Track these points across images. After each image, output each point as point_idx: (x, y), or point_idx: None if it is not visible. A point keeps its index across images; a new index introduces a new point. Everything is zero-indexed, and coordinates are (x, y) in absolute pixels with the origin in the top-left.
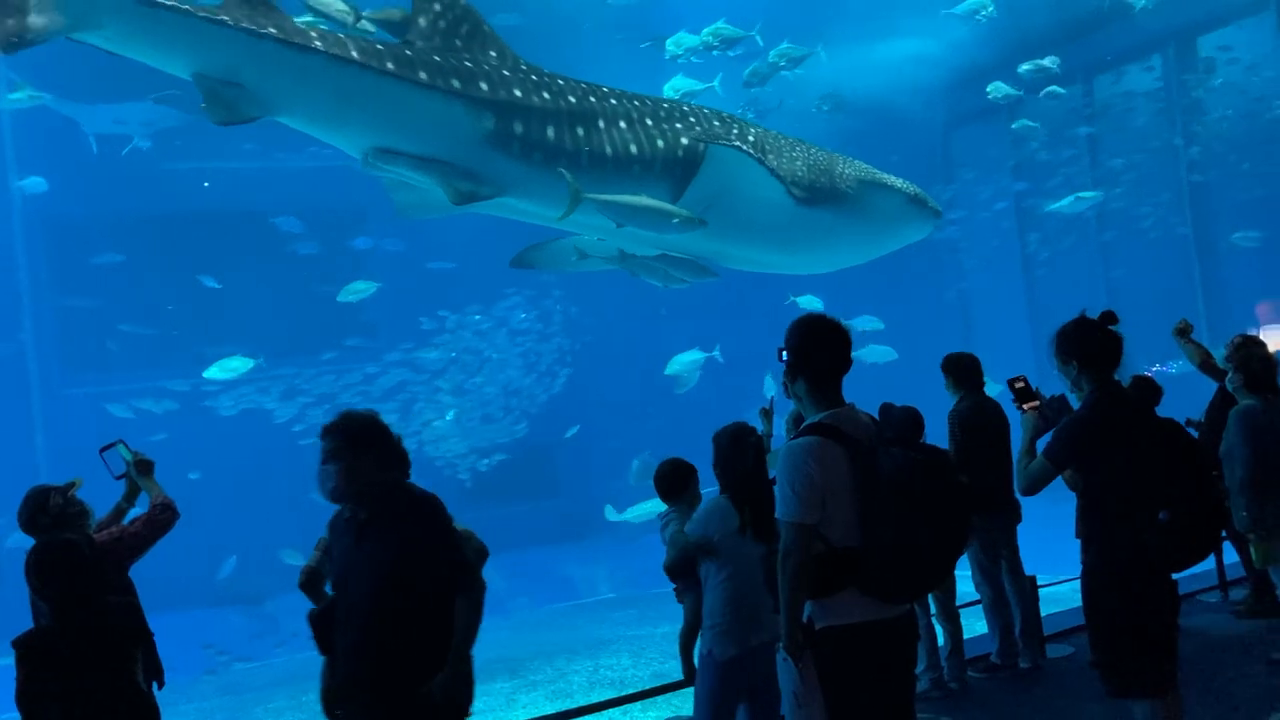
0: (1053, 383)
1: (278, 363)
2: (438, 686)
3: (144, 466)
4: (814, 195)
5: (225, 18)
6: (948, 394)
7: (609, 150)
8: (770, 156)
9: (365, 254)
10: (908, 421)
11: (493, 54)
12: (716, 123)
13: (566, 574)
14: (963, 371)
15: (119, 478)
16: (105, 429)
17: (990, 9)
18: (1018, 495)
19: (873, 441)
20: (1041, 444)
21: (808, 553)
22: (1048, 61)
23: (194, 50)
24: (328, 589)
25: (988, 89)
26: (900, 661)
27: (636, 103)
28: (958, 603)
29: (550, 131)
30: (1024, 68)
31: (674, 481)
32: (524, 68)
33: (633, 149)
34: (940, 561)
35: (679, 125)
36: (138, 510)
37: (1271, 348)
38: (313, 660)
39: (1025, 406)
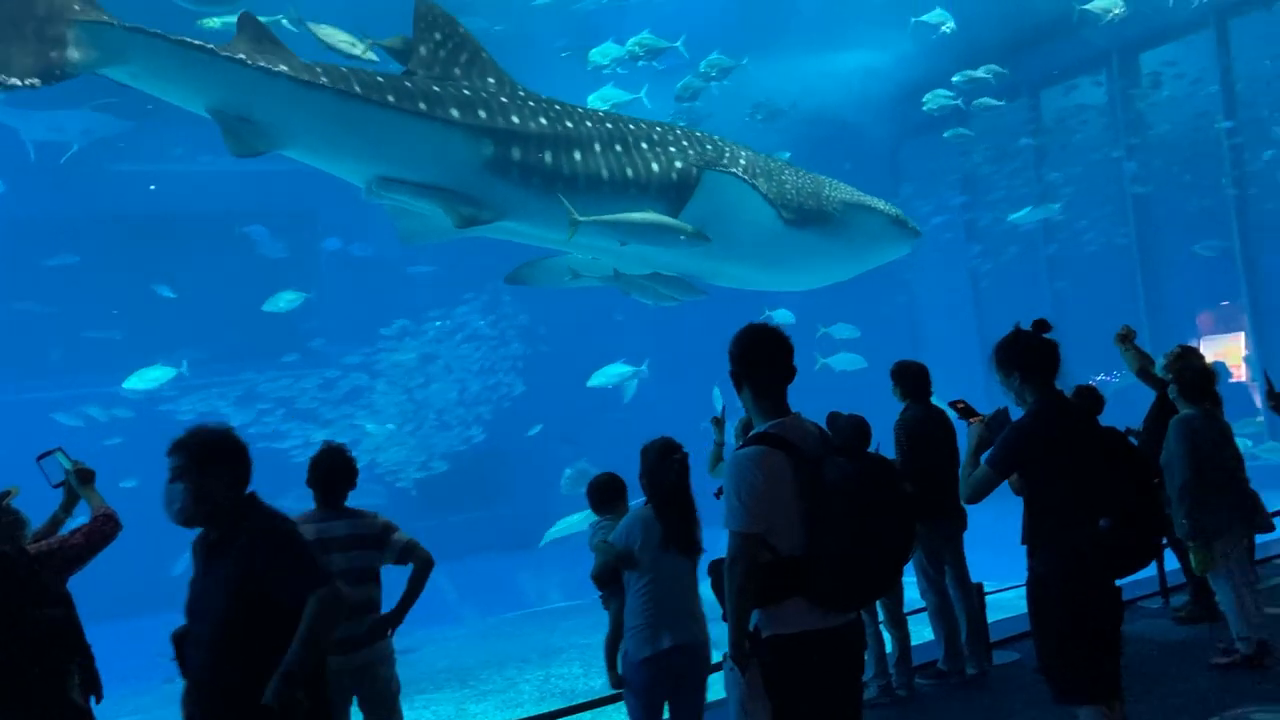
0: (1000, 395)
1: (237, 367)
2: (269, 692)
3: (84, 475)
4: (802, 217)
5: (243, 57)
6: (896, 402)
7: (605, 174)
8: (761, 180)
9: (322, 257)
10: (854, 430)
11: (491, 81)
12: (709, 146)
13: (517, 582)
14: (910, 380)
15: (56, 486)
16: (51, 437)
17: (950, 25)
18: (963, 503)
19: (818, 450)
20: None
21: (754, 562)
22: (982, 72)
23: (212, 87)
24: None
25: (924, 99)
26: (847, 670)
27: (632, 126)
28: (905, 610)
29: (548, 156)
30: (958, 78)
31: (607, 494)
32: (521, 94)
33: (629, 172)
34: (886, 570)
35: (673, 149)
36: (78, 520)
37: (1211, 358)
38: None
39: (970, 418)
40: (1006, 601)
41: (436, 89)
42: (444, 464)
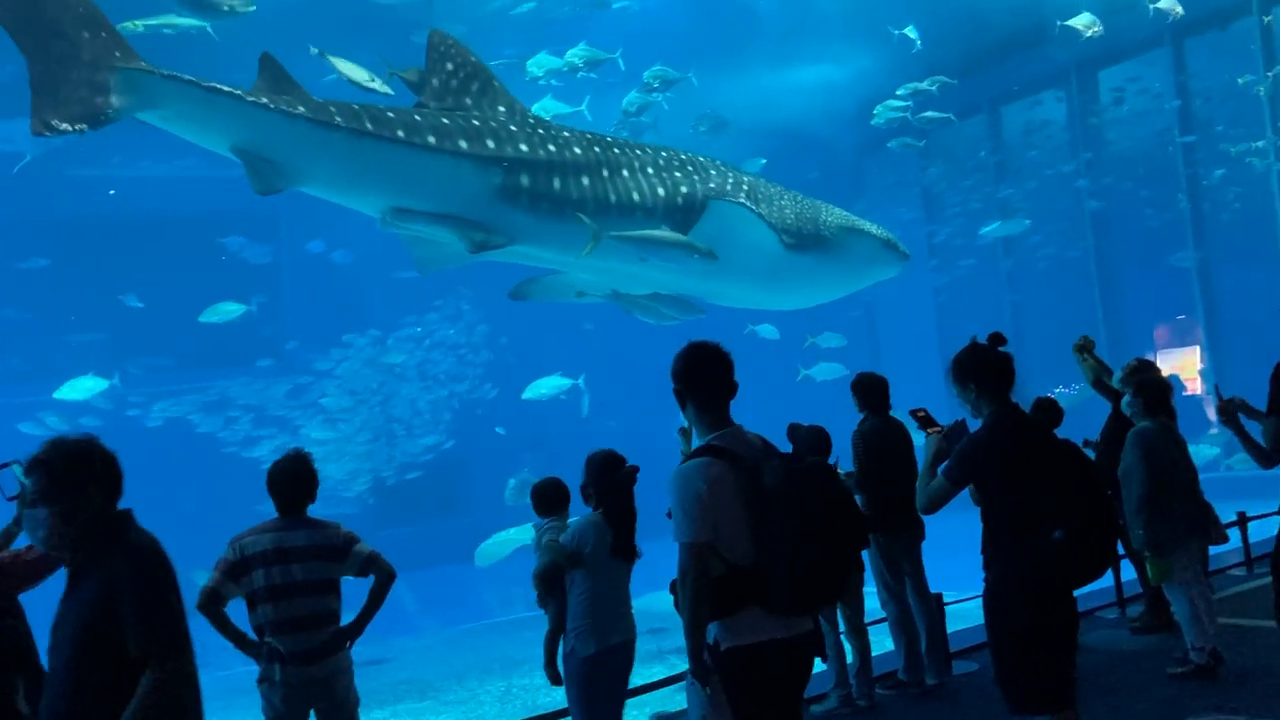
0: (960, 406)
1: (209, 374)
2: None
3: None
4: (801, 241)
5: (266, 100)
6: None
7: (613, 198)
8: (762, 205)
9: (288, 261)
10: (814, 441)
11: (501, 109)
12: (712, 171)
13: (479, 592)
14: (869, 392)
15: (10, 499)
16: (12, 444)
17: (917, 45)
18: (920, 513)
19: (760, 459)
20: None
21: (705, 572)
22: (928, 84)
23: (237, 130)
24: (228, 611)
25: (875, 110)
26: (802, 678)
27: (639, 151)
28: (866, 620)
29: (556, 183)
30: (902, 91)
31: (554, 499)
32: (531, 121)
33: (635, 197)
34: (835, 568)
35: (678, 174)
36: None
37: (1166, 372)
38: (218, 680)
39: (928, 429)
40: (966, 612)
41: (446, 121)
42: (405, 473)
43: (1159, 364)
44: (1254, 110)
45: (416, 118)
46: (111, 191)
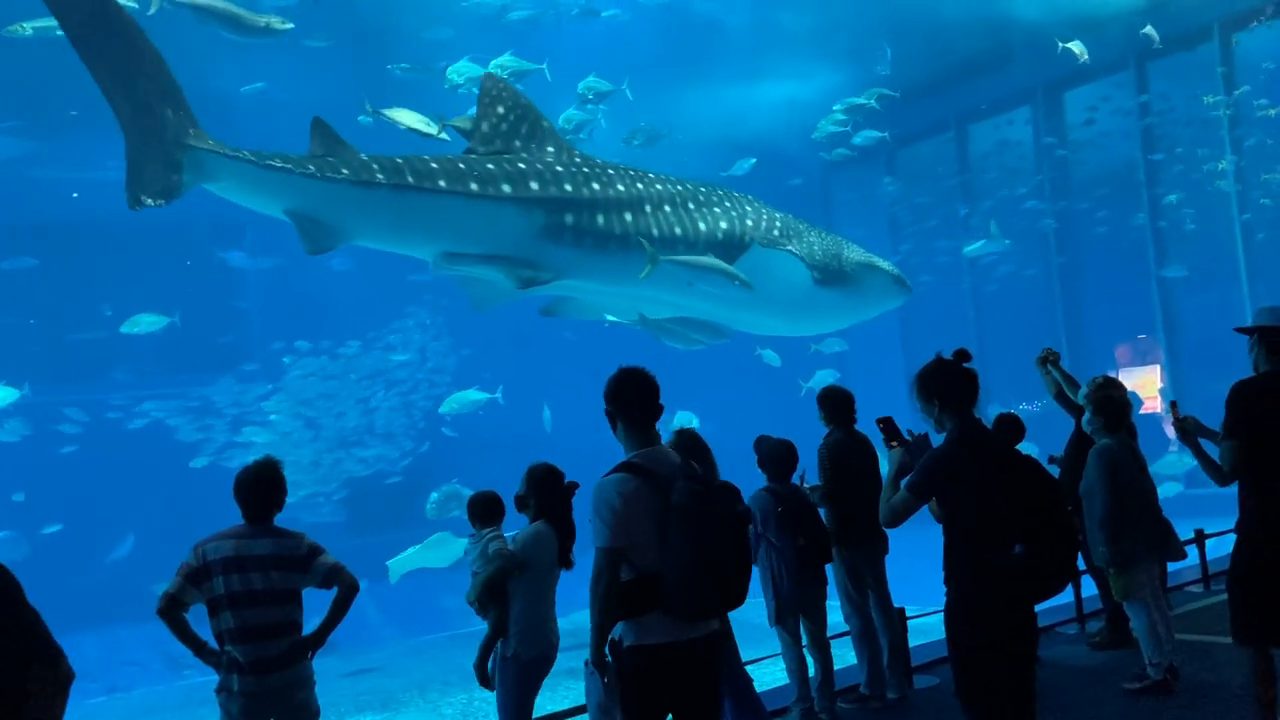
0: (923, 421)
1: (191, 378)
2: None
3: None
4: (826, 276)
5: (312, 169)
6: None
7: (656, 232)
8: (794, 242)
9: (252, 268)
10: (780, 453)
11: (550, 149)
12: (748, 207)
13: (441, 603)
14: (834, 405)
15: None
16: None
17: (887, 66)
18: (882, 526)
19: (674, 475)
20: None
21: (616, 575)
22: (864, 98)
23: (287, 196)
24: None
25: (819, 125)
26: (703, 680)
27: (679, 187)
28: (828, 633)
29: (600, 219)
30: (839, 107)
31: (491, 510)
32: (577, 160)
33: (678, 230)
34: (729, 580)
35: (717, 209)
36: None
37: (1128, 388)
38: (167, 693)
39: (892, 443)
40: (927, 626)
41: (490, 166)
42: (367, 482)
43: (1121, 382)
44: (1216, 132)
45: (461, 165)
46: (75, 195)
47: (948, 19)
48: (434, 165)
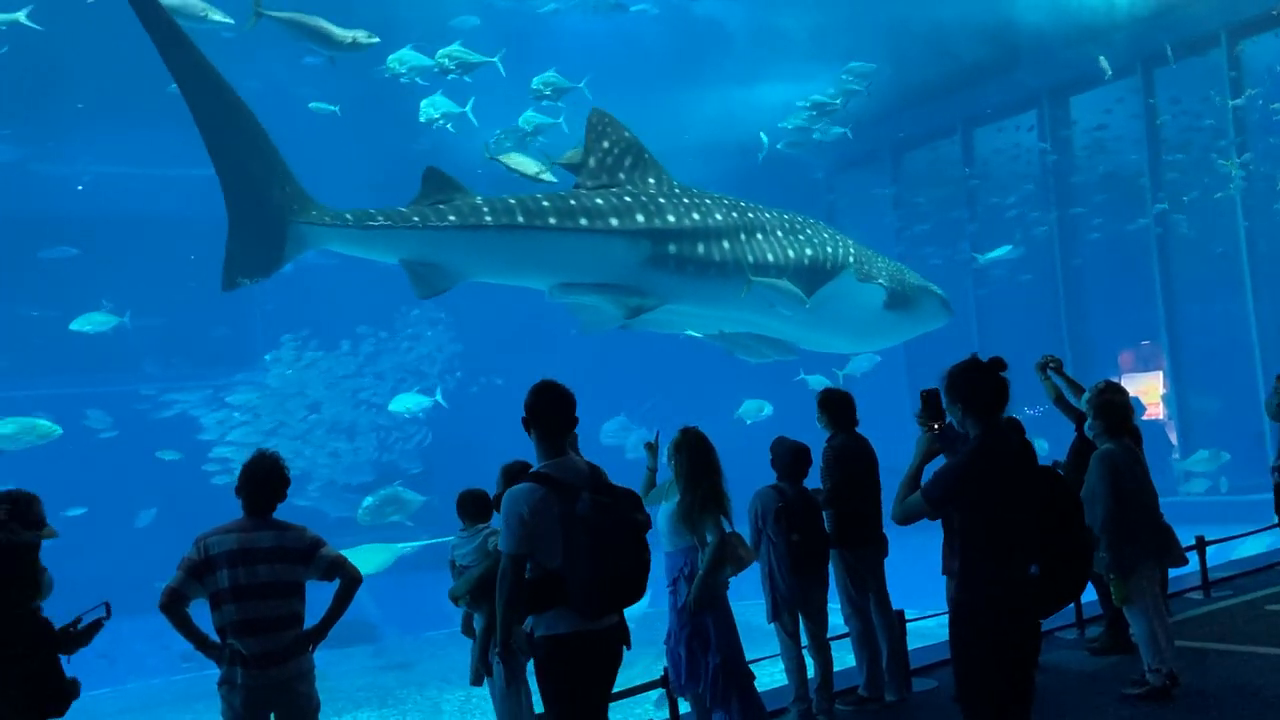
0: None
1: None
2: None
3: None
4: (891, 300)
5: (417, 219)
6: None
7: (751, 259)
8: (864, 266)
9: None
10: (793, 456)
11: (651, 180)
12: (825, 234)
13: (440, 600)
14: (836, 408)
15: None
16: None
17: (864, 87)
18: (885, 530)
19: (580, 485)
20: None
21: (519, 578)
22: (828, 96)
23: (399, 249)
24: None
25: (788, 119)
26: (608, 666)
27: (767, 216)
28: (828, 635)
29: (700, 248)
30: (803, 103)
31: (483, 506)
32: (677, 190)
33: (769, 257)
34: (626, 584)
35: (801, 237)
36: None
37: (1131, 393)
38: (165, 687)
39: (932, 425)
40: (927, 629)
41: (599, 201)
42: (369, 477)
43: (1123, 387)
44: (1222, 139)
45: (572, 202)
46: (80, 187)
47: (950, 23)
48: (545, 203)
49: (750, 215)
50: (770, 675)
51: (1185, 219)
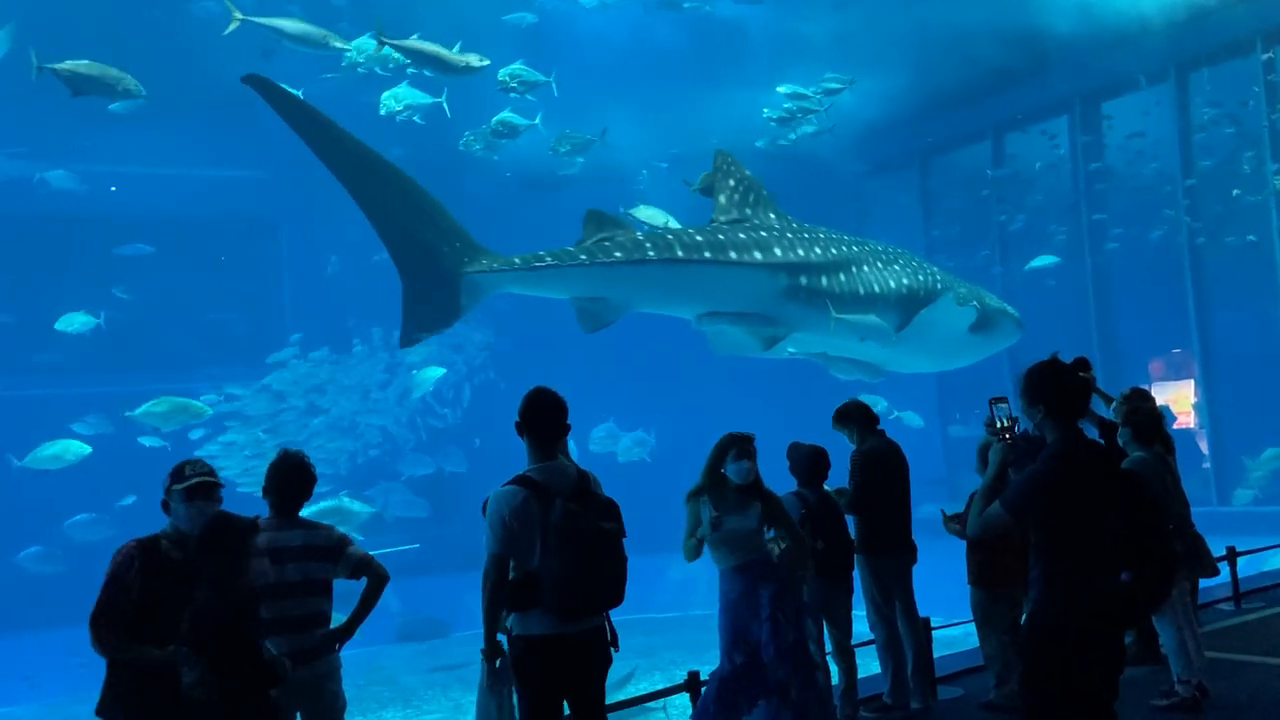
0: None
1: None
2: None
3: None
4: (977, 322)
5: (584, 258)
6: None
7: (861, 290)
8: (956, 292)
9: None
10: (812, 459)
11: (772, 216)
12: (914, 262)
13: (465, 602)
14: (857, 416)
15: None
16: None
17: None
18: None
19: (564, 490)
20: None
21: (502, 577)
22: (809, 89)
23: (569, 286)
24: None
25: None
26: (587, 668)
27: (866, 247)
28: (853, 642)
29: (823, 279)
30: (784, 88)
31: None
32: (794, 226)
33: (876, 288)
34: (599, 588)
35: (896, 266)
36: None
37: (1161, 402)
38: None
39: (1005, 436)
40: (952, 637)
41: (742, 236)
42: (395, 481)
43: (1152, 395)
44: (1256, 145)
45: (720, 236)
46: (113, 188)
47: (974, 29)
48: (698, 238)
49: (855, 248)
50: None
51: (1217, 225)
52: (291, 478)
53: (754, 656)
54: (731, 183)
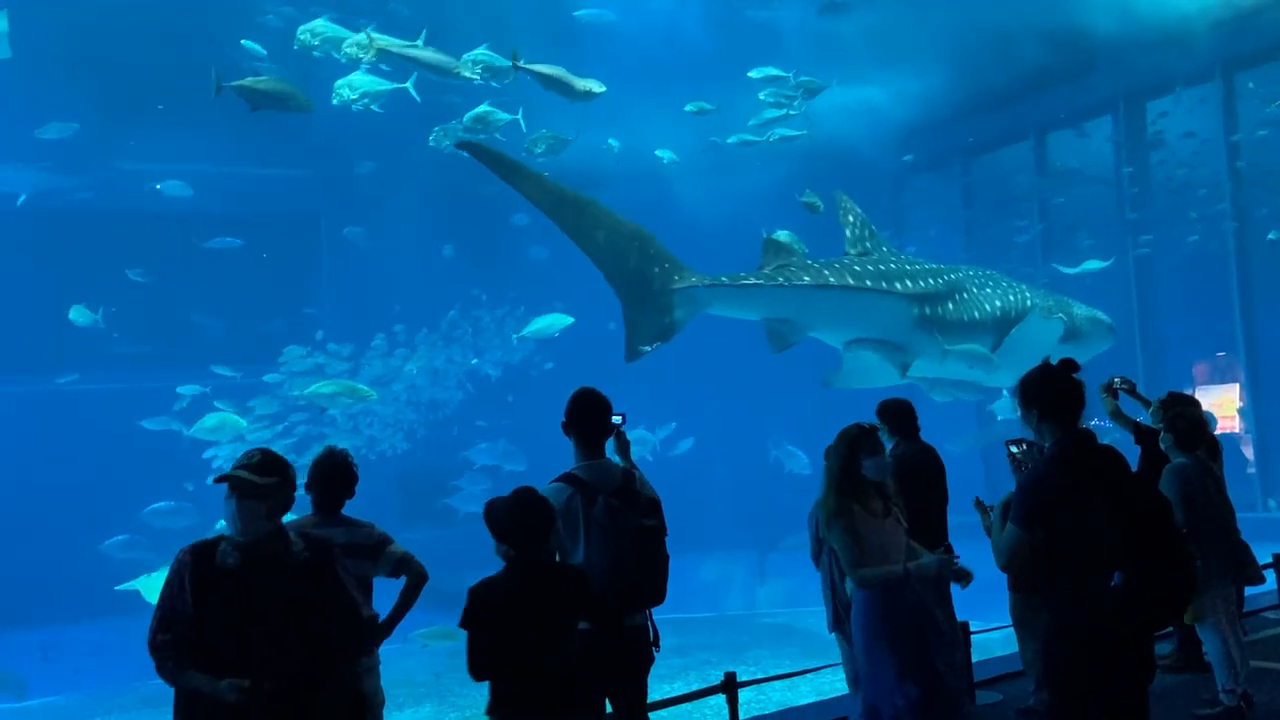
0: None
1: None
2: None
3: None
4: (1067, 333)
5: (782, 280)
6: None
7: (966, 317)
8: (1044, 304)
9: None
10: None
11: (885, 249)
12: (1004, 283)
13: None
14: (898, 417)
15: None
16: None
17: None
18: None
19: (608, 487)
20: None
21: None
22: (791, 88)
23: (765, 307)
24: None
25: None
26: (630, 664)
27: (964, 273)
28: None
29: (939, 308)
30: (756, 74)
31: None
32: (903, 257)
33: (977, 314)
34: (635, 583)
35: (989, 289)
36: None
37: (1205, 407)
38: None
39: (1025, 469)
40: (991, 641)
41: (883, 267)
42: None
43: (1196, 400)
44: None
45: (871, 267)
46: (158, 186)
47: (1014, 29)
48: (856, 268)
49: (955, 275)
50: (830, 684)
51: (1264, 227)
52: (336, 476)
53: (935, 684)
54: (852, 219)
